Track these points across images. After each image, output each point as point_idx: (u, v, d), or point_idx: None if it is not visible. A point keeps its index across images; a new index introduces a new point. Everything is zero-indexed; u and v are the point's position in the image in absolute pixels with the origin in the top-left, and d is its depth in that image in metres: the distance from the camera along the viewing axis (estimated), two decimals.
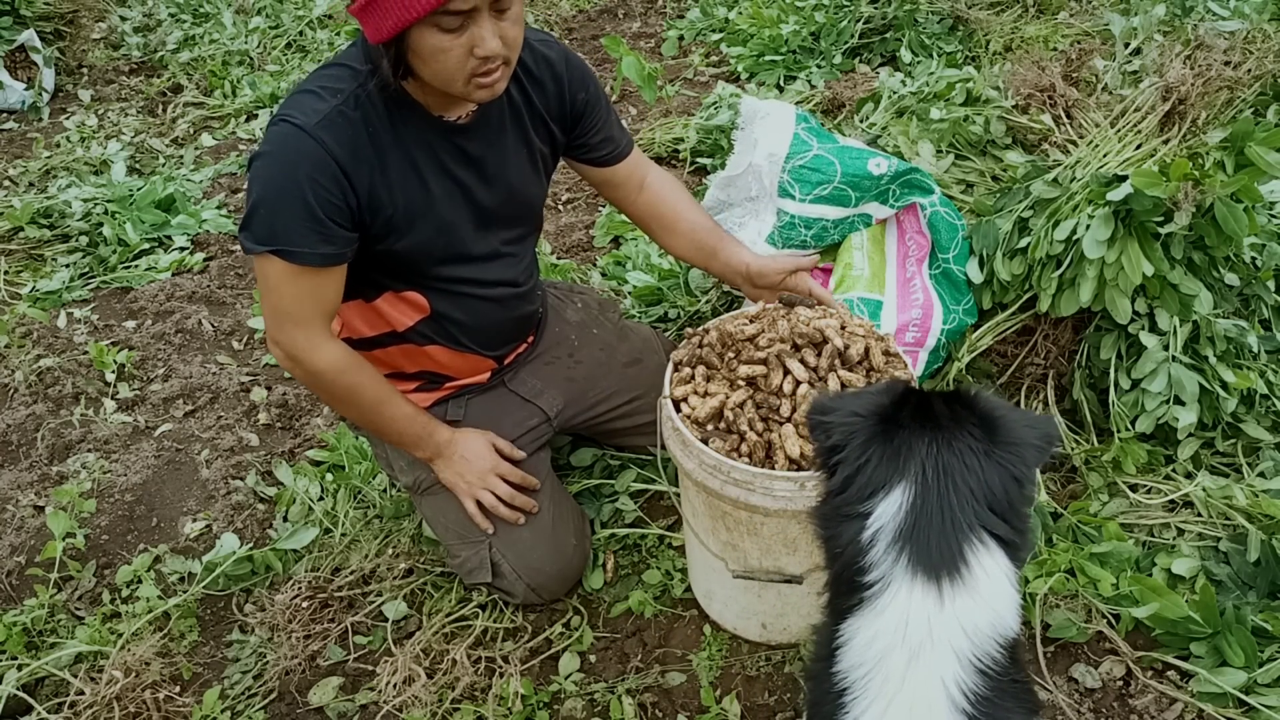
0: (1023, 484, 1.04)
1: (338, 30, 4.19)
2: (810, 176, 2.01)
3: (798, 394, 1.49)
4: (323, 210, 1.44)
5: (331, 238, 1.47)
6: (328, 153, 1.43)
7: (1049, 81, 2.22)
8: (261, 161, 1.46)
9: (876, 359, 1.56)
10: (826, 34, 3.84)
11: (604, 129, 1.78)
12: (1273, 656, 1.57)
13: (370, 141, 1.48)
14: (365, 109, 1.47)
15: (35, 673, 1.74)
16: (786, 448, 1.45)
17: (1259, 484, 1.85)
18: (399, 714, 1.68)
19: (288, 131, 1.43)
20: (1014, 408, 1.13)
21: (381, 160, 1.50)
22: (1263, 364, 1.96)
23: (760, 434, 1.49)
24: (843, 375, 1.52)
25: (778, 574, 1.59)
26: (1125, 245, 1.75)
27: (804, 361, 1.53)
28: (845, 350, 1.54)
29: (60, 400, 2.46)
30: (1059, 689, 1.65)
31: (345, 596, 1.89)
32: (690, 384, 1.59)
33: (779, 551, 1.56)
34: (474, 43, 1.34)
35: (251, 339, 2.72)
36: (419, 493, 1.86)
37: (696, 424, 1.53)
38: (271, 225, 1.45)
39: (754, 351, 1.56)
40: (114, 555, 2.05)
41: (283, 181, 1.43)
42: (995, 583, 1.00)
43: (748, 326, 1.62)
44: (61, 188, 3.40)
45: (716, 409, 1.52)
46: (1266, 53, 2.16)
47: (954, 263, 1.97)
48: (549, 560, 1.81)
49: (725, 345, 1.60)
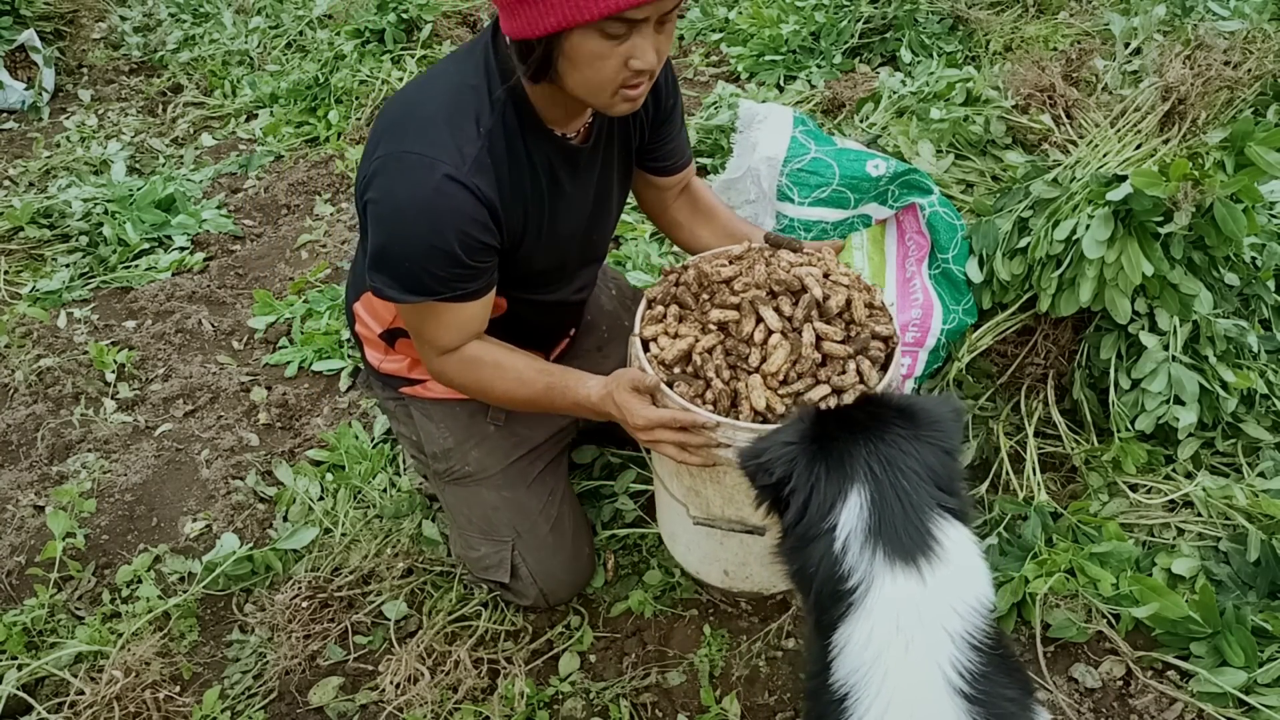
0: (954, 455, 1.13)
1: (338, 30, 4.19)
2: (809, 179, 2.01)
3: (769, 344, 1.42)
4: (471, 257, 1.40)
5: (479, 274, 1.44)
6: (482, 202, 1.37)
7: (1049, 81, 2.23)
8: (403, 212, 1.36)
9: (858, 312, 1.47)
10: (826, 34, 3.84)
11: (676, 137, 1.73)
12: (1273, 656, 1.57)
13: (510, 172, 1.42)
14: (500, 133, 1.40)
15: (35, 673, 1.74)
16: (752, 398, 1.39)
17: (1259, 484, 1.85)
18: (399, 715, 1.68)
19: (439, 181, 1.33)
20: (919, 395, 1.18)
21: (519, 189, 1.45)
22: (1263, 364, 1.96)
23: (727, 382, 1.42)
24: (818, 327, 1.44)
25: (740, 524, 1.54)
26: (1125, 245, 1.75)
27: (779, 310, 1.46)
28: (824, 301, 1.46)
29: (60, 400, 2.46)
30: (1059, 689, 1.65)
31: (345, 596, 1.89)
32: (661, 324, 1.52)
33: (741, 501, 1.50)
34: (632, 53, 1.27)
35: (251, 339, 2.72)
36: (450, 480, 1.83)
37: (663, 365, 1.46)
38: (419, 279, 1.40)
39: (728, 295, 1.48)
40: (114, 555, 2.05)
41: (433, 238, 1.36)
42: (965, 552, 1.05)
43: (725, 268, 1.53)
44: (61, 187, 3.40)
45: (685, 352, 1.45)
46: (1266, 53, 2.16)
47: (953, 263, 1.97)
48: (565, 568, 1.82)
49: (702, 286, 1.52)
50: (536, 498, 1.82)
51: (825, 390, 1.40)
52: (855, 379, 1.42)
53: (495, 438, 1.81)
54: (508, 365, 1.56)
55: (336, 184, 3.44)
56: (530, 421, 1.83)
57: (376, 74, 3.83)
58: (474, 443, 1.80)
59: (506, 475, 1.81)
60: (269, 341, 2.70)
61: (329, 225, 3.21)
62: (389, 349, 1.79)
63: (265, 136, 3.79)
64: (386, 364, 1.81)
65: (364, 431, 2.30)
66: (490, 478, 1.80)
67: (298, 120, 3.85)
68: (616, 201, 1.69)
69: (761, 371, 1.41)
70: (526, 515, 1.80)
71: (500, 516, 1.80)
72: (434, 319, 1.48)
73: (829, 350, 1.43)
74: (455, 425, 1.80)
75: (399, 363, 1.80)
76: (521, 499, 1.81)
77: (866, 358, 1.44)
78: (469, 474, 1.81)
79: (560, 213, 1.55)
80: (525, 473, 1.82)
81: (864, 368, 1.42)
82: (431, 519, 2.05)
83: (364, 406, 2.41)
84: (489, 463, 1.80)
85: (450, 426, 1.80)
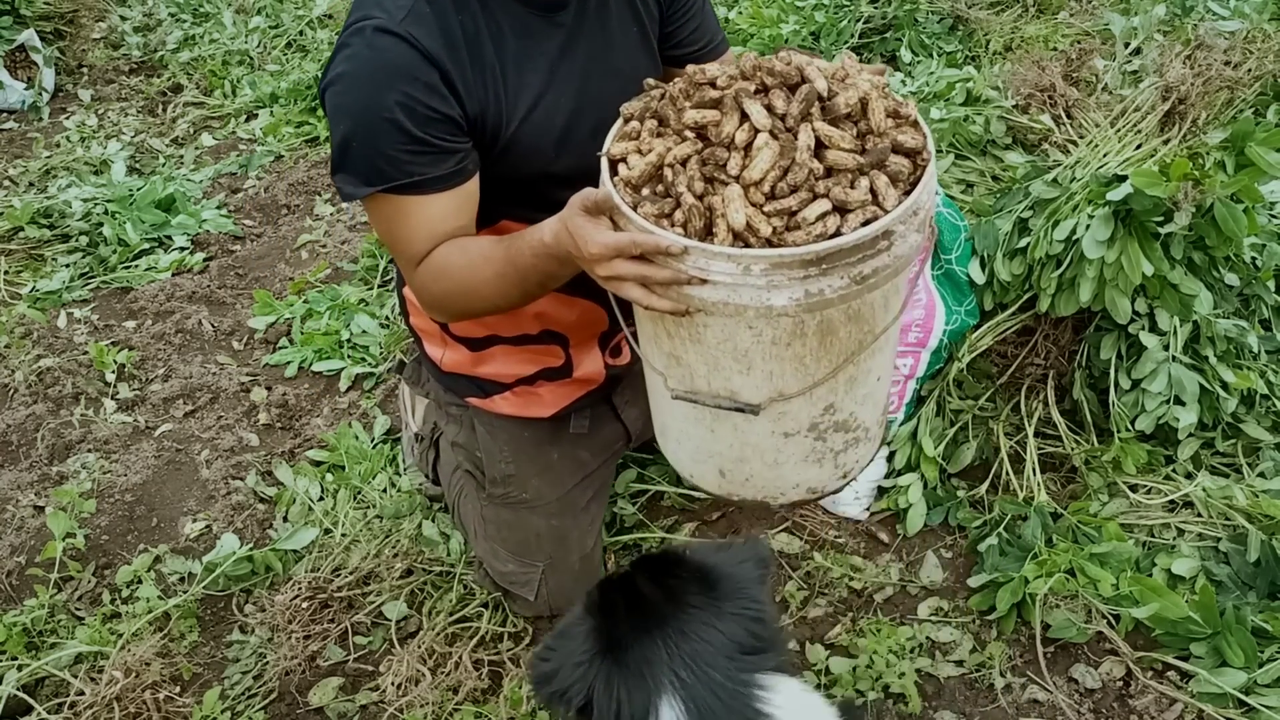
0: (763, 619, 1.02)
1: (338, 30, 4.19)
2: None
3: (753, 147, 1.12)
4: (423, 129, 1.21)
5: (441, 155, 1.25)
6: (423, 54, 1.19)
7: (1049, 81, 2.22)
8: (341, 86, 1.21)
9: (876, 118, 1.15)
10: (827, 34, 3.83)
11: (699, 13, 1.53)
12: (1273, 657, 1.56)
13: (460, 26, 1.24)
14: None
15: (35, 673, 1.74)
16: (729, 214, 1.09)
17: (1259, 484, 1.85)
18: (400, 716, 1.68)
19: (368, 37, 1.19)
20: (718, 548, 1.08)
21: (477, 49, 1.26)
22: (1263, 364, 1.96)
23: (699, 196, 1.13)
24: (820, 129, 1.12)
25: (728, 399, 1.25)
26: (1125, 245, 1.75)
27: (770, 108, 1.14)
28: (830, 97, 1.14)
29: (60, 400, 2.46)
30: (1059, 689, 1.65)
31: (345, 597, 1.89)
32: (635, 141, 1.23)
33: (728, 367, 1.22)
34: None
35: (251, 339, 2.72)
36: (501, 503, 1.78)
37: (631, 187, 1.18)
38: (372, 161, 1.23)
39: (709, 92, 1.18)
40: (114, 555, 2.05)
41: (372, 104, 1.19)
42: (796, 703, 0.97)
43: (713, 66, 1.24)
44: (61, 187, 3.40)
45: (654, 166, 1.16)
46: (1267, 52, 2.16)
47: (956, 264, 1.97)
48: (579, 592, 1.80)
49: (687, 96, 1.21)
50: (578, 526, 1.80)
51: (824, 206, 1.10)
52: (866, 197, 1.12)
53: (558, 466, 1.76)
54: (472, 249, 1.32)
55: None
56: (592, 445, 1.79)
57: None
58: (536, 470, 1.76)
59: (561, 503, 1.77)
60: (269, 341, 2.70)
61: (329, 225, 3.21)
62: (446, 338, 1.67)
63: (265, 136, 3.79)
64: (448, 359, 1.69)
65: (364, 432, 2.29)
66: (544, 505, 1.77)
67: (298, 120, 3.85)
68: (634, 64, 1.44)
69: (742, 180, 1.11)
70: (563, 544, 1.78)
71: (540, 544, 1.77)
72: (400, 218, 1.29)
73: (834, 160, 1.12)
74: (520, 451, 1.75)
75: (460, 355, 1.68)
76: (566, 528, 1.78)
77: (884, 173, 1.13)
78: (525, 500, 1.77)
79: (548, 85, 1.33)
80: (576, 501, 1.79)
81: (879, 184, 1.12)
82: (431, 519, 2.05)
83: (364, 407, 2.41)
84: (547, 491, 1.76)
85: (515, 451, 1.75)
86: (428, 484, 2.08)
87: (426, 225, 1.30)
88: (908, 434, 2.01)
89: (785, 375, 1.22)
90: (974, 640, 1.75)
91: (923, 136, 1.19)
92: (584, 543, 1.80)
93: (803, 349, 1.19)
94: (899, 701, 1.66)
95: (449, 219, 1.32)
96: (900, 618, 1.81)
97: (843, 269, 1.10)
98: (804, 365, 1.21)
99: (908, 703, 1.65)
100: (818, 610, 1.83)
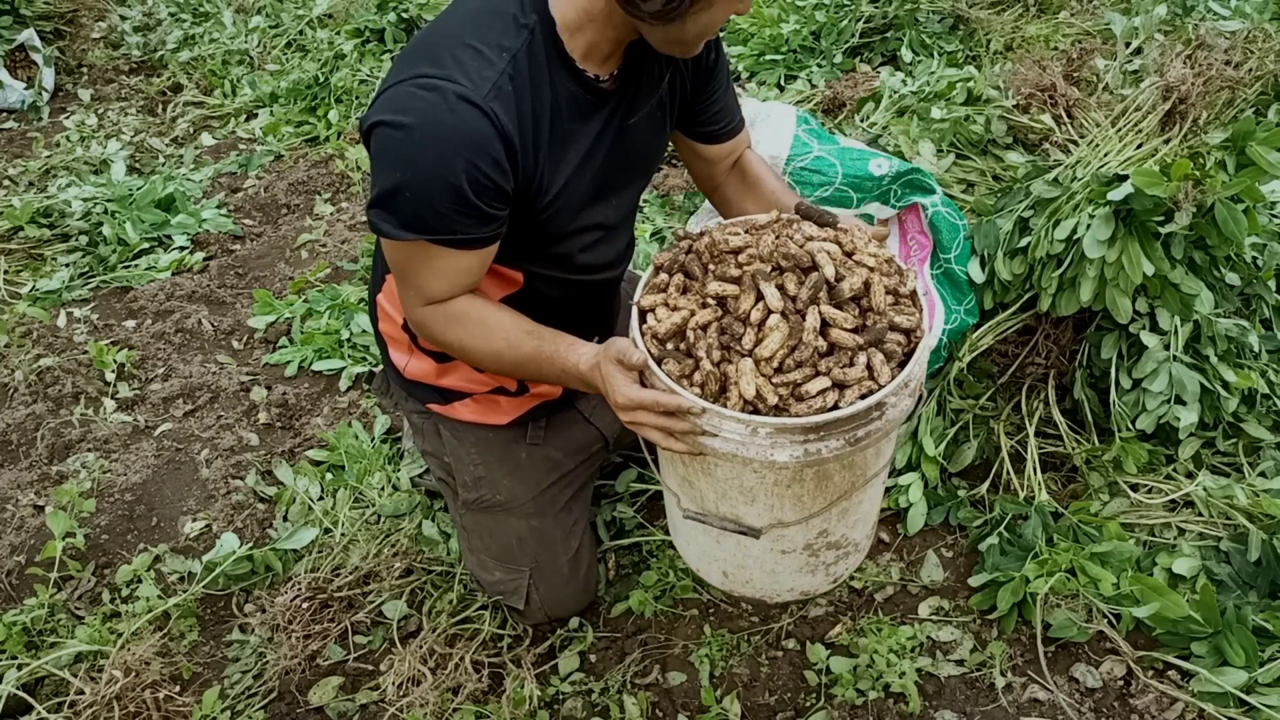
0: None
1: (338, 29, 4.18)
2: (811, 178, 2.01)
3: (766, 325, 1.28)
4: (480, 197, 1.26)
5: (486, 221, 1.30)
6: (499, 132, 1.23)
7: (1050, 81, 2.22)
8: (406, 136, 1.22)
9: (876, 298, 1.31)
10: (827, 33, 3.83)
11: (724, 96, 1.62)
12: (1273, 656, 1.56)
13: (532, 107, 1.28)
14: (523, 66, 1.26)
15: (35, 672, 1.74)
16: (741, 385, 1.25)
17: (1260, 484, 1.85)
18: (400, 716, 1.68)
19: (451, 102, 1.20)
20: None
21: (538, 128, 1.31)
22: (1264, 364, 1.96)
23: (717, 364, 1.29)
24: (826, 311, 1.28)
25: (733, 523, 1.41)
26: (1126, 245, 1.75)
27: (783, 288, 1.30)
28: (836, 282, 1.30)
29: (60, 400, 2.46)
30: (1059, 689, 1.65)
31: (345, 596, 1.89)
32: (663, 294, 1.39)
33: (735, 499, 1.39)
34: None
35: (251, 338, 2.72)
36: (477, 509, 1.78)
37: (656, 340, 1.33)
38: (419, 213, 1.27)
39: (731, 268, 1.35)
40: (114, 555, 2.05)
41: (440, 166, 1.22)
42: None
43: (736, 237, 1.39)
44: (61, 187, 3.40)
45: (678, 326, 1.32)
46: (1267, 52, 2.16)
47: (956, 263, 1.97)
48: (574, 597, 1.81)
49: (712, 256, 1.38)
50: (560, 527, 1.78)
51: (825, 384, 1.26)
52: (863, 374, 1.28)
53: (528, 465, 1.75)
54: (494, 324, 1.41)
55: (336, 183, 3.44)
56: (564, 446, 1.79)
57: (376, 73, 3.83)
58: (506, 470, 1.75)
59: (537, 503, 1.76)
60: (269, 341, 2.69)
61: (329, 225, 3.20)
62: (413, 347, 1.70)
63: (265, 136, 3.79)
64: (412, 367, 1.71)
65: (364, 431, 2.29)
66: (520, 506, 1.76)
67: (298, 120, 3.85)
68: (647, 161, 1.55)
69: (754, 355, 1.28)
70: (548, 546, 1.76)
71: (523, 548, 1.76)
72: (426, 262, 1.34)
73: (836, 339, 1.29)
74: (488, 452, 1.74)
75: (424, 364, 1.70)
76: (548, 529, 1.77)
77: (880, 351, 1.29)
78: (499, 503, 1.76)
79: (582, 162, 1.41)
80: (555, 500, 1.78)
81: (875, 362, 1.28)
82: (431, 519, 2.05)
83: (364, 406, 2.41)
84: (520, 491, 1.75)
85: (482, 453, 1.74)
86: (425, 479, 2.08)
87: (450, 276, 1.36)
88: (908, 433, 2.01)
89: (784, 508, 1.39)
90: (974, 640, 1.75)
91: (918, 313, 1.35)
92: (569, 544, 1.78)
93: (800, 490, 1.37)
94: (899, 701, 1.66)
95: (471, 273, 1.39)
96: (901, 617, 1.81)
97: (839, 434, 1.27)
98: (801, 501, 1.38)
99: (908, 702, 1.65)
100: (818, 610, 1.83)
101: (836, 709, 1.66)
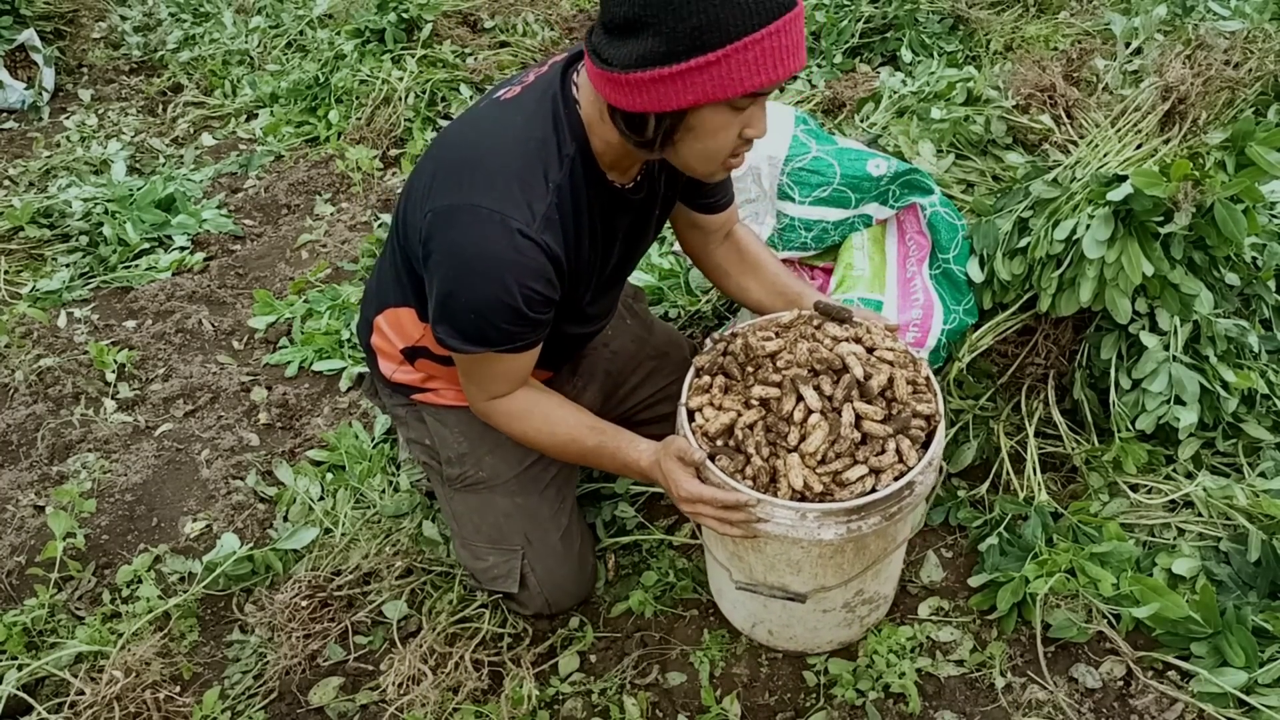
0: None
1: (338, 30, 4.18)
2: (809, 178, 2.01)
3: (808, 423, 1.46)
4: (533, 310, 1.42)
5: (538, 326, 1.48)
6: (549, 258, 1.39)
7: (1049, 81, 2.22)
8: (470, 263, 1.37)
9: (900, 390, 1.50)
10: (827, 33, 3.84)
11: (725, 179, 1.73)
12: (1273, 656, 1.56)
13: (574, 226, 1.45)
14: (565, 194, 1.41)
15: (35, 673, 1.74)
16: (790, 477, 1.43)
17: (1259, 484, 1.85)
18: (400, 716, 1.68)
19: (514, 239, 1.35)
20: None
21: (579, 242, 1.48)
22: (1263, 364, 1.96)
23: (766, 459, 1.46)
24: (858, 407, 1.47)
25: (781, 590, 1.59)
26: (1125, 245, 1.75)
27: (819, 389, 1.49)
28: (865, 380, 1.49)
29: (60, 400, 2.46)
30: (1059, 689, 1.65)
31: (345, 596, 1.89)
32: (707, 394, 1.56)
33: (783, 570, 1.56)
34: (748, 123, 1.31)
35: (251, 339, 2.72)
36: (462, 487, 1.83)
37: (707, 437, 1.50)
38: (482, 331, 1.43)
39: (771, 373, 1.52)
40: (114, 555, 2.05)
41: (501, 293, 1.38)
42: None
43: (770, 342, 1.56)
44: (61, 187, 3.40)
45: (727, 426, 1.49)
46: (1267, 52, 2.16)
47: (954, 263, 1.97)
48: (572, 578, 1.82)
49: (748, 358, 1.56)
50: (548, 505, 1.81)
51: (862, 470, 1.43)
52: (894, 459, 1.44)
53: (509, 444, 1.78)
54: (558, 420, 1.59)
55: (336, 184, 3.44)
56: None
57: (377, 74, 3.83)
58: (488, 448, 1.79)
59: (520, 481, 1.80)
60: (269, 341, 2.70)
61: (329, 225, 3.21)
62: (404, 363, 1.78)
63: (265, 136, 3.79)
64: (399, 375, 1.80)
65: (364, 431, 2.30)
66: (504, 484, 1.80)
67: (298, 120, 3.85)
68: (654, 232, 1.70)
69: (800, 451, 1.45)
70: (538, 523, 1.79)
71: (511, 524, 1.79)
72: (489, 367, 1.52)
73: (869, 430, 1.45)
74: (469, 430, 1.79)
75: (412, 374, 1.79)
76: (534, 505, 1.80)
77: (907, 437, 1.46)
78: (482, 480, 1.80)
79: (610, 257, 1.58)
80: (538, 479, 1.82)
81: (903, 447, 1.45)
82: (431, 519, 2.05)
83: (364, 406, 2.41)
84: (502, 468, 1.80)
85: (464, 431, 1.80)
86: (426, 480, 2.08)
87: (510, 374, 1.55)
88: None
89: (827, 575, 1.56)
90: (974, 640, 1.75)
91: (935, 398, 1.53)
92: (558, 520, 1.81)
93: (841, 560, 1.54)
94: (899, 701, 1.66)
95: (526, 368, 1.56)
96: (900, 617, 1.81)
97: (877, 512, 1.43)
98: (841, 569, 1.56)
99: (908, 703, 1.65)
100: None
101: (836, 709, 1.66)
